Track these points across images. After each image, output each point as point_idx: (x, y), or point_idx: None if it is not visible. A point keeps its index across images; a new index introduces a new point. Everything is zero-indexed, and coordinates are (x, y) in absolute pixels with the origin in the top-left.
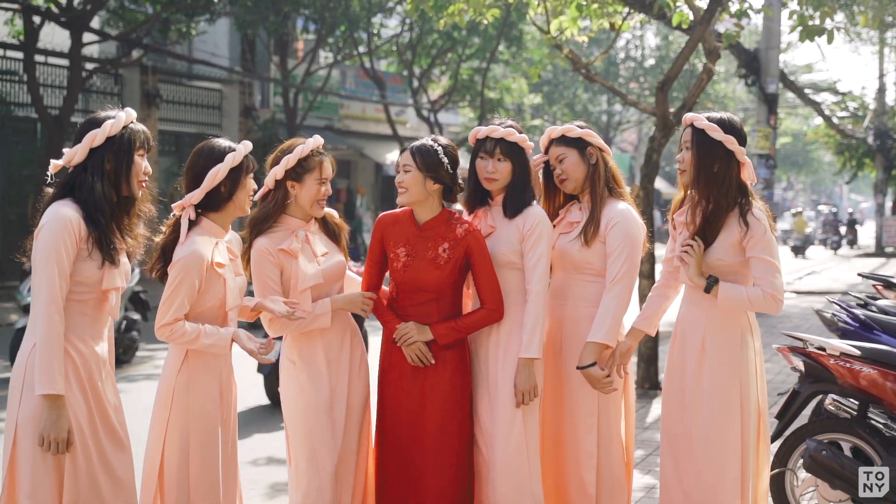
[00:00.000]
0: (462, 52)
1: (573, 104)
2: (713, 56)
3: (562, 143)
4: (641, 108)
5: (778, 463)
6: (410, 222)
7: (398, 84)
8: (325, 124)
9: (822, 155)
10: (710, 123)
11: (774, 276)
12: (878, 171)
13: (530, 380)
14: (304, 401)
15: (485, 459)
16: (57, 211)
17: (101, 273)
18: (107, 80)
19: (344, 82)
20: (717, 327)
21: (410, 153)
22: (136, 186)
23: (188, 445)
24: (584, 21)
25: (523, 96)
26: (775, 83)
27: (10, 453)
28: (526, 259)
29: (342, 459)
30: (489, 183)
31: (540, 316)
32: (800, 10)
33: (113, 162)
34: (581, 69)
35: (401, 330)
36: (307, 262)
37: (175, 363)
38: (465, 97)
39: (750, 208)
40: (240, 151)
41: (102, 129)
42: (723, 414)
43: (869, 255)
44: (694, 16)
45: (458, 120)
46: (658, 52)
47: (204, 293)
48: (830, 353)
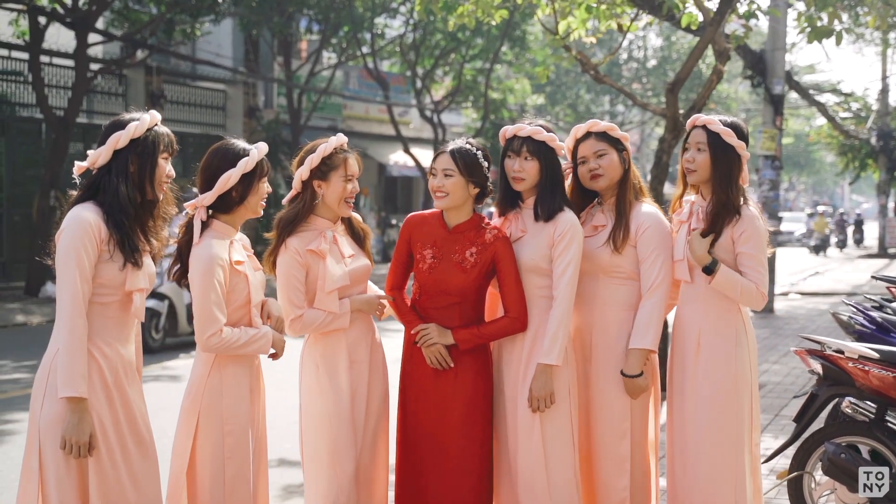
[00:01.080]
0: (466, 52)
1: (576, 105)
2: (723, 57)
3: (603, 139)
4: (651, 109)
5: (796, 466)
6: (439, 224)
7: (401, 84)
8: (329, 125)
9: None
10: (726, 128)
11: (762, 272)
12: (881, 172)
13: (546, 386)
14: (325, 404)
15: (506, 466)
16: (77, 214)
17: (123, 275)
18: (111, 81)
19: (347, 83)
20: (712, 326)
21: (451, 157)
22: (159, 189)
23: (222, 449)
24: (591, 22)
25: (526, 97)
26: (781, 84)
27: (35, 457)
28: (555, 265)
29: (361, 462)
30: (517, 183)
31: (564, 322)
32: (807, 11)
33: (137, 164)
34: (590, 70)
35: (422, 331)
36: (335, 264)
37: (204, 366)
38: (469, 98)
39: (746, 204)
40: (253, 156)
41: (126, 131)
42: (718, 412)
43: (872, 255)
44: (704, 17)
45: (461, 120)
46: (661, 52)
47: (229, 293)
48: (849, 356)
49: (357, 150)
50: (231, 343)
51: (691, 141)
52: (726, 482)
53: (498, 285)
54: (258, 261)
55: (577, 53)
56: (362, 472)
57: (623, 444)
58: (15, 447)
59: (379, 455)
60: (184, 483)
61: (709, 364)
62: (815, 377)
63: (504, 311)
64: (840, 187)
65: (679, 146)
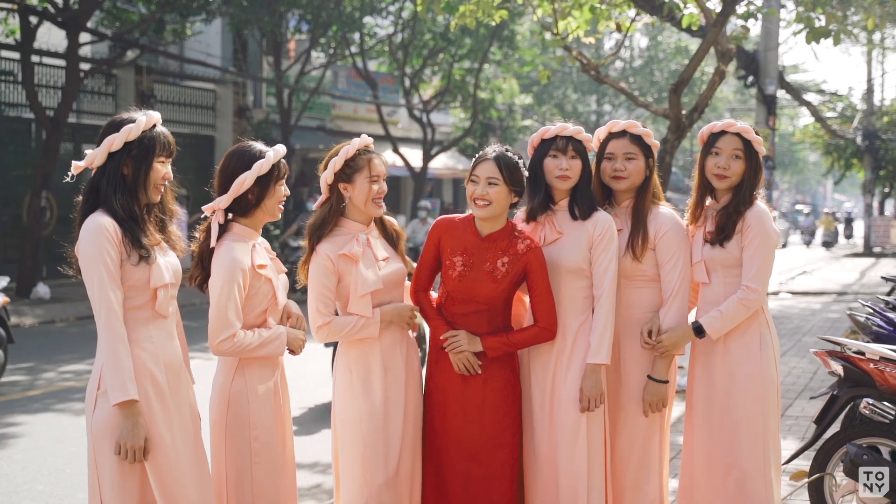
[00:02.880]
0: (455, 52)
1: (563, 104)
2: (726, 58)
3: (636, 142)
4: (653, 109)
5: (817, 468)
6: (471, 231)
7: (390, 84)
8: (318, 125)
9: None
10: (757, 137)
11: (756, 267)
12: (866, 172)
13: (598, 386)
14: (357, 409)
15: (538, 471)
16: (91, 223)
17: (146, 273)
18: (99, 81)
19: (336, 82)
20: (736, 329)
21: (497, 165)
22: (154, 193)
23: (249, 454)
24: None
25: (514, 96)
26: (774, 84)
27: (93, 468)
28: (595, 264)
29: (401, 468)
30: (563, 181)
31: (609, 321)
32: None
33: (130, 168)
34: (591, 71)
35: (451, 337)
36: (367, 268)
37: (228, 372)
38: (457, 97)
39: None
40: (269, 158)
41: (121, 134)
42: (747, 414)
43: (858, 255)
44: (706, 18)
45: (449, 120)
46: (647, 52)
47: (252, 297)
48: (870, 357)
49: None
50: (243, 347)
51: (724, 147)
52: (757, 483)
53: (528, 294)
54: (281, 263)
55: (577, 53)
56: (402, 477)
57: (652, 447)
58: (18, 450)
59: (416, 461)
60: (223, 487)
61: (735, 367)
62: (836, 378)
63: (534, 320)
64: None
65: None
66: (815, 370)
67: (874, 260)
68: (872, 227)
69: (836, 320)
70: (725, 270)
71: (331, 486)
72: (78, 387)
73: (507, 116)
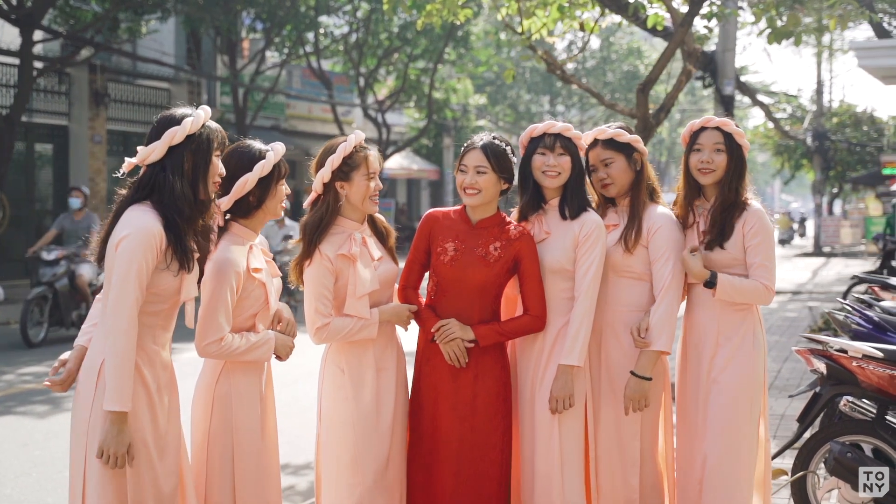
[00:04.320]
0: (410, 52)
1: (516, 105)
2: (692, 58)
3: (610, 146)
4: (619, 109)
5: (800, 466)
6: (462, 220)
7: (344, 84)
8: (272, 124)
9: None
10: (738, 129)
11: (769, 266)
12: (815, 173)
13: (567, 387)
14: (349, 410)
15: (522, 471)
16: (141, 221)
17: (178, 283)
18: (52, 80)
19: (290, 82)
20: (730, 327)
21: (484, 153)
22: (212, 188)
23: (231, 459)
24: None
25: (469, 97)
26: (731, 85)
27: (81, 469)
28: (578, 264)
29: (389, 470)
30: (551, 179)
31: (585, 323)
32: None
33: (192, 162)
34: (556, 71)
35: (443, 325)
36: (364, 268)
37: (212, 374)
38: (412, 97)
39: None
40: (270, 159)
41: (182, 127)
42: (739, 413)
43: (808, 254)
44: (673, 19)
45: (403, 120)
46: (600, 53)
47: (244, 300)
48: (852, 355)
49: (298, 150)
50: (230, 351)
51: (706, 142)
52: (747, 482)
53: (519, 283)
54: (276, 266)
55: (542, 53)
56: (391, 479)
57: (633, 446)
58: None
59: (404, 462)
60: (202, 491)
61: (728, 366)
62: (818, 377)
63: (524, 309)
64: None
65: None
66: (778, 368)
67: (825, 259)
68: (822, 227)
69: (794, 319)
70: (724, 271)
71: (304, 488)
72: (39, 389)
73: (461, 117)
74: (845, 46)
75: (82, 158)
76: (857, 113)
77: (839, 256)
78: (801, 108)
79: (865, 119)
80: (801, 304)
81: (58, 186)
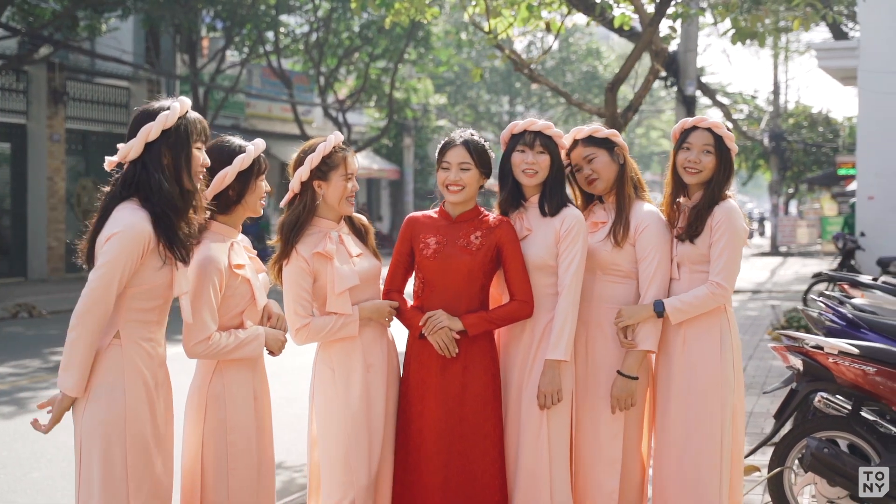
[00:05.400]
0: (371, 52)
1: (476, 104)
2: (660, 58)
3: (590, 143)
4: (587, 108)
5: (776, 462)
6: (443, 217)
7: (304, 83)
8: (232, 123)
9: None
10: (729, 133)
11: (725, 263)
12: (772, 173)
13: (555, 382)
14: (340, 409)
15: (509, 465)
16: (130, 220)
17: (169, 277)
18: (10, 78)
19: (250, 81)
20: (697, 327)
21: (467, 149)
22: (196, 179)
23: (226, 459)
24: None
25: (429, 96)
26: (693, 85)
27: (78, 468)
28: (560, 259)
29: (381, 468)
30: (529, 177)
31: (570, 317)
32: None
33: (170, 156)
34: (524, 70)
35: (431, 316)
36: (342, 264)
37: (205, 374)
38: (372, 97)
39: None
40: (249, 153)
41: (157, 122)
42: (705, 412)
43: (765, 254)
44: (641, 18)
45: (364, 120)
46: (560, 54)
47: (229, 298)
48: (828, 351)
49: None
50: (219, 350)
51: (695, 142)
52: (712, 482)
53: (503, 271)
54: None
55: (510, 52)
56: (382, 477)
57: (615, 444)
58: None
59: (391, 460)
60: (198, 490)
61: (695, 365)
62: (794, 373)
63: (511, 296)
64: None
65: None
66: (744, 366)
67: (782, 259)
68: (779, 226)
69: (755, 318)
70: (693, 266)
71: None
72: (3, 389)
73: (421, 116)
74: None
75: (40, 157)
76: (813, 114)
77: (796, 256)
78: (757, 109)
79: (821, 120)
80: (762, 302)
81: (15, 185)
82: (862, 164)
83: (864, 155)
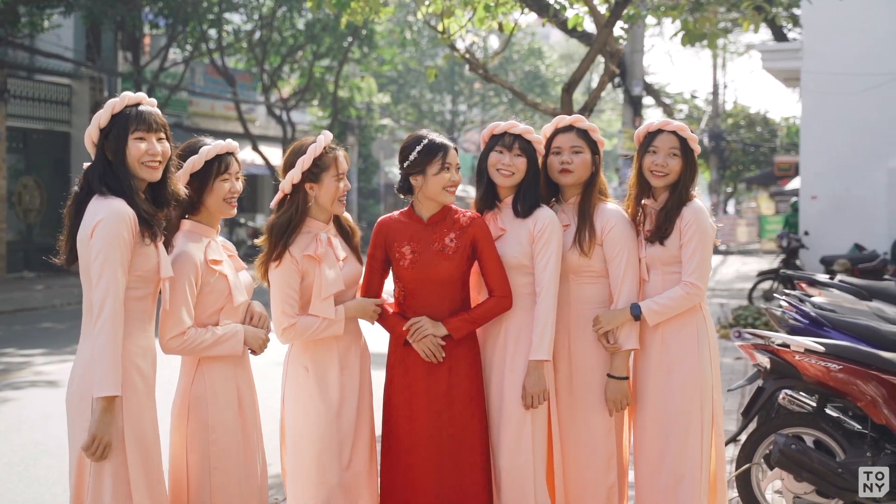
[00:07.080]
0: (316, 49)
1: (419, 103)
2: (615, 58)
3: (582, 136)
4: (542, 108)
5: (744, 459)
6: (413, 220)
7: (247, 82)
8: (174, 122)
9: None
10: (693, 135)
11: (696, 263)
12: (711, 172)
13: (540, 383)
14: (314, 409)
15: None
16: (109, 206)
17: (157, 262)
18: None
19: (193, 79)
20: (674, 326)
21: (455, 152)
22: (141, 170)
23: (209, 459)
24: (469, 18)
25: (372, 95)
26: (640, 86)
27: (76, 471)
28: (536, 260)
29: (354, 470)
30: (505, 178)
31: (550, 317)
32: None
33: (112, 150)
34: (478, 70)
35: (414, 323)
36: (329, 268)
37: (188, 375)
38: (316, 95)
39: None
40: (201, 154)
41: (93, 124)
42: (683, 411)
43: None
44: (596, 20)
45: (307, 119)
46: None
47: (206, 295)
48: (795, 349)
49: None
50: (195, 345)
51: (662, 145)
52: (692, 479)
53: (480, 268)
54: (242, 262)
55: (465, 53)
56: (353, 479)
57: (609, 440)
58: None
59: (372, 462)
60: (185, 491)
61: (673, 364)
62: (761, 371)
63: (489, 291)
64: None
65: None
66: None
67: (722, 258)
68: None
69: None
70: (664, 268)
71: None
72: None
73: (365, 115)
74: (741, 49)
75: None
76: (751, 114)
77: (735, 254)
78: (697, 110)
79: (759, 120)
80: (706, 301)
81: None
82: (805, 163)
83: (807, 155)
